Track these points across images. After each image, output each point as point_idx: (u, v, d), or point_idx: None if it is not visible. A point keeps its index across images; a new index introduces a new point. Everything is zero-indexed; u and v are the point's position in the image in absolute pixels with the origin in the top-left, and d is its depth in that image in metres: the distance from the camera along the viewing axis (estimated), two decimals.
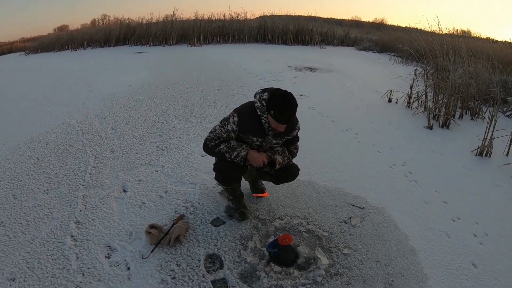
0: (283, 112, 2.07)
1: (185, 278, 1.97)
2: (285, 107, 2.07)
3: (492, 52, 8.03)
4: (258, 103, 2.16)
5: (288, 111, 2.08)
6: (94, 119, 4.44)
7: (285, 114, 2.07)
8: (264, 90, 2.18)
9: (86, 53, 11.35)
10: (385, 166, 3.54)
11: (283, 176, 2.45)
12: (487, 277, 2.22)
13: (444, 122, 5.01)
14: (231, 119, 2.24)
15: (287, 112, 2.07)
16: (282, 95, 2.09)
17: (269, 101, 2.10)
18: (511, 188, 3.50)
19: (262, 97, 2.14)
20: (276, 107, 2.07)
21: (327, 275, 2.05)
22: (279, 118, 2.08)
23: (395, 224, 2.60)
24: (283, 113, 2.07)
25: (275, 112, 2.07)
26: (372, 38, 15.61)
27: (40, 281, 1.96)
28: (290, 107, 2.08)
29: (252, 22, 14.31)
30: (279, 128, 2.14)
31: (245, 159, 2.25)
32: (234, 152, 2.23)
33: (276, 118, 2.09)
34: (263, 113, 2.16)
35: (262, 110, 2.15)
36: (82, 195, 2.78)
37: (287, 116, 2.08)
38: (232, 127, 2.23)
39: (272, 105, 2.09)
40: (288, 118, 2.10)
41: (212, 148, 2.28)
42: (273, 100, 2.09)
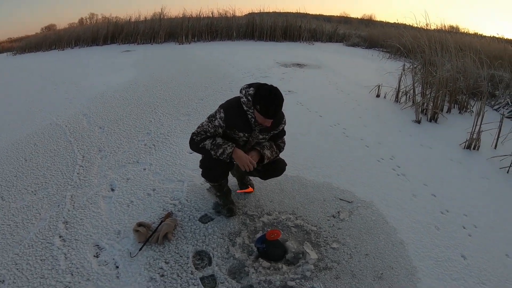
0: (269, 106, 2.06)
1: (173, 276, 1.97)
2: (271, 102, 2.07)
3: (480, 47, 8.15)
4: (244, 98, 2.16)
5: (274, 106, 2.07)
6: (82, 119, 4.41)
7: (271, 108, 2.07)
8: (250, 85, 2.18)
9: (73, 53, 11.22)
10: (373, 160, 3.57)
11: (270, 171, 2.46)
12: (476, 268, 2.25)
13: (432, 116, 5.06)
14: (217, 115, 2.23)
15: (273, 106, 2.07)
16: (268, 90, 2.09)
17: (255, 96, 2.10)
18: (500, 180, 3.55)
19: (248, 92, 2.14)
20: (262, 102, 2.07)
21: (316, 269, 2.06)
22: (265, 113, 2.08)
23: (383, 218, 2.62)
24: (269, 107, 2.06)
25: (261, 106, 2.07)
26: (360, 34, 15.73)
27: (29, 282, 1.95)
28: (276, 101, 2.08)
29: (240, 19, 14.29)
30: (265, 123, 2.14)
31: (231, 157, 2.23)
32: (220, 149, 2.21)
33: (262, 113, 2.08)
34: (249, 108, 2.16)
35: (248, 105, 2.15)
36: (70, 195, 2.76)
37: (273, 110, 2.08)
38: (219, 123, 2.22)
39: (258, 100, 2.09)
40: (275, 113, 2.09)
41: (197, 143, 2.27)
42: (259, 94, 2.09)
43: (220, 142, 2.24)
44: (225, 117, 2.22)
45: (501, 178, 3.60)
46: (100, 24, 13.43)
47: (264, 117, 2.10)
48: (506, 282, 2.17)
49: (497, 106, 6.07)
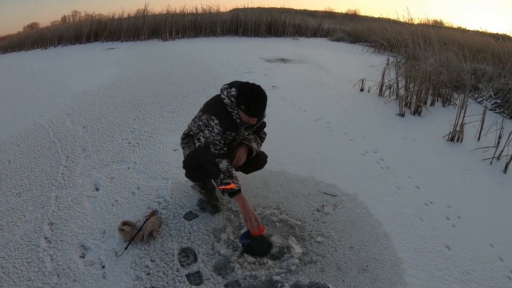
0: (254, 106, 2.07)
1: (159, 274, 1.98)
2: (254, 101, 2.07)
3: (463, 41, 8.31)
4: (227, 100, 2.16)
5: (258, 105, 2.09)
6: (65, 118, 4.36)
7: (256, 107, 2.08)
8: (231, 85, 2.18)
9: (56, 51, 11.04)
10: (357, 154, 3.61)
11: (253, 165, 2.51)
12: (461, 258, 2.30)
13: (415, 109, 5.14)
14: (212, 123, 2.18)
15: (257, 105, 2.08)
16: (251, 89, 2.09)
17: (238, 97, 2.11)
18: (483, 171, 3.64)
19: (230, 93, 2.14)
20: (246, 102, 2.07)
21: (301, 263, 2.09)
22: (250, 112, 2.09)
23: (368, 210, 2.67)
24: (253, 107, 2.07)
25: (245, 107, 2.08)
26: (345, 29, 15.84)
27: (16, 285, 1.94)
28: (259, 99, 2.09)
29: (224, 15, 14.22)
30: (250, 121, 2.14)
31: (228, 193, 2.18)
32: (227, 180, 2.13)
33: (247, 113, 2.09)
34: (234, 110, 2.17)
35: (232, 106, 2.16)
36: (55, 195, 2.74)
37: (258, 109, 2.09)
38: (219, 130, 2.19)
39: (241, 100, 2.09)
40: (259, 111, 2.11)
41: (215, 156, 2.18)
42: (242, 94, 2.09)
43: (234, 174, 2.18)
44: (220, 123, 2.19)
45: (484, 169, 3.69)
46: (83, 22, 13.25)
47: (249, 116, 2.10)
48: (490, 272, 2.22)
49: (481, 99, 6.20)
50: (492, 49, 8.26)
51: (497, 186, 3.39)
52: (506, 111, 5.58)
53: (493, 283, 2.13)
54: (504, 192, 3.29)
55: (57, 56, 9.81)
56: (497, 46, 8.58)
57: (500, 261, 2.33)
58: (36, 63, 8.94)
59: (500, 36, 11.79)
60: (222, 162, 2.15)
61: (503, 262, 2.33)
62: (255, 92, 2.08)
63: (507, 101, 5.73)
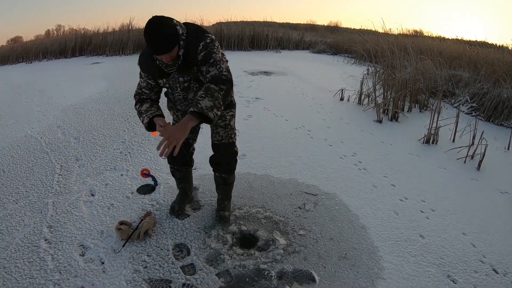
0: (148, 41, 1.81)
1: (156, 266, 2.15)
2: (148, 36, 1.79)
3: (441, 49, 8.75)
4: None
5: (150, 40, 1.80)
6: (56, 130, 4.49)
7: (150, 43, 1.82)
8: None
9: (42, 65, 11.07)
10: (336, 157, 3.86)
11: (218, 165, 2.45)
12: (434, 246, 2.52)
13: (393, 116, 5.43)
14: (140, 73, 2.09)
15: (150, 41, 1.80)
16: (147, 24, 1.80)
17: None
18: (457, 169, 3.90)
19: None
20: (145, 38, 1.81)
21: (285, 253, 2.29)
22: (150, 48, 1.86)
23: (346, 207, 2.89)
24: (148, 43, 1.83)
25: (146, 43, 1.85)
26: (326, 41, 16.33)
27: (18, 283, 2.04)
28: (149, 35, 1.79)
29: (208, 29, 14.42)
30: (161, 58, 1.89)
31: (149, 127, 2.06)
32: (140, 117, 2.08)
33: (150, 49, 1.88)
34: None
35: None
36: (52, 201, 2.87)
37: (152, 45, 1.81)
38: (141, 74, 2.09)
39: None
40: (155, 47, 1.82)
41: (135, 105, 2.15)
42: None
43: (143, 109, 2.08)
44: (142, 70, 2.07)
45: (458, 167, 3.96)
46: (68, 36, 13.28)
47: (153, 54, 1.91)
48: (463, 256, 2.44)
49: (457, 103, 6.56)
50: (468, 56, 8.72)
51: (470, 182, 3.65)
52: (482, 114, 5.95)
53: (466, 266, 2.35)
54: (477, 187, 3.56)
55: (42, 70, 9.85)
56: (472, 53, 9.03)
57: (473, 247, 2.56)
58: (22, 76, 8.98)
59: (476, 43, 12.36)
60: (136, 107, 2.12)
61: (475, 248, 2.55)
62: (147, 27, 1.79)
63: (483, 104, 6.10)
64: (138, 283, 2.02)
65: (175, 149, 1.75)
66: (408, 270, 2.25)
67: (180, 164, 2.52)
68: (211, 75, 1.88)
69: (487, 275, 2.30)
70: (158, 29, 1.77)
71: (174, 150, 1.75)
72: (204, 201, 2.84)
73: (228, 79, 1.90)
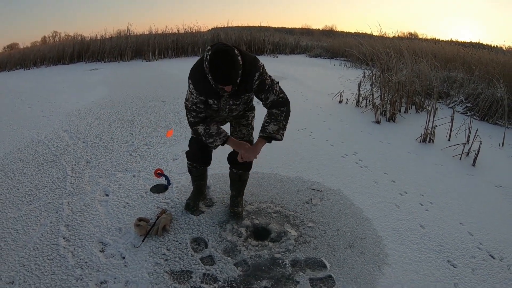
0: (216, 74, 1.92)
1: (176, 259, 2.26)
2: (216, 69, 1.91)
3: (436, 51, 8.93)
4: (205, 63, 1.99)
5: (220, 73, 1.91)
6: (63, 134, 4.58)
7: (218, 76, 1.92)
8: (211, 47, 1.99)
9: (40, 72, 11.13)
10: (338, 156, 4.02)
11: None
12: (434, 234, 2.69)
13: (390, 117, 5.59)
14: (191, 87, 2.15)
15: (219, 73, 1.91)
16: (213, 55, 1.90)
17: (208, 62, 1.95)
18: (453, 166, 4.07)
19: (207, 57, 1.97)
20: (210, 69, 1.93)
21: (297, 243, 2.44)
22: (215, 81, 1.97)
23: (350, 201, 3.05)
24: (215, 75, 1.92)
25: (211, 74, 1.95)
26: (322, 45, 16.51)
27: (40, 280, 2.10)
28: (221, 68, 1.90)
29: (205, 35, 14.61)
30: (224, 88, 2.01)
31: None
32: (210, 139, 2.24)
33: (214, 81, 1.98)
34: (208, 74, 2.00)
35: (207, 71, 2.00)
36: (67, 201, 2.96)
37: (220, 78, 1.92)
38: (197, 95, 2.15)
39: (207, 67, 1.95)
40: (224, 79, 1.93)
41: (191, 123, 2.28)
42: (208, 60, 1.94)
43: (213, 132, 2.22)
44: (194, 88, 2.12)
45: (454, 164, 4.14)
46: (66, 43, 13.35)
47: (216, 83, 2.00)
48: (461, 243, 2.61)
49: (452, 104, 6.75)
50: (462, 57, 8.92)
51: (466, 177, 3.82)
52: (476, 113, 6.14)
53: (464, 252, 2.52)
54: (472, 181, 3.73)
55: (42, 77, 9.93)
56: (466, 54, 9.25)
57: (470, 236, 2.73)
58: (22, 83, 9.04)
59: (470, 44, 12.63)
60: (199, 127, 2.22)
61: (472, 236, 2.72)
62: (216, 60, 1.89)
63: (477, 104, 6.29)
64: (160, 275, 2.14)
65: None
66: (411, 257, 2.41)
67: (201, 162, 2.63)
68: (271, 101, 2.19)
69: (484, 260, 2.47)
70: (230, 64, 1.89)
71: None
72: (216, 198, 2.97)
73: (285, 99, 2.22)
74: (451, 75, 7.68)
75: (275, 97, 2.19)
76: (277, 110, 2.20)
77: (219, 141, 2.25)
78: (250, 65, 2.08)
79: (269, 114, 2.21)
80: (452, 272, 2.31)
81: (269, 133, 2.17)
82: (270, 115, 2.21)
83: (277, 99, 2.20)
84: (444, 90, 7.28)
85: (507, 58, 7.58)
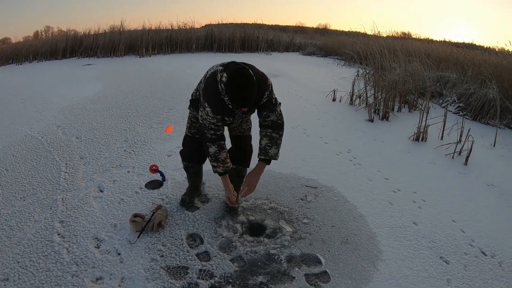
0: (237, 98, 2.01)
1: (172, 255, 2.26)
2: (237, 94, 1.99)
3: (429, 50, 8.99)
4: (220, 85, 2.08)
5: (239, 98, 2.00)
6: (57, 130, 4.55)
7: (239, 100, 2.01)
8: (226, 68, 2.09)
9: (33, 67, 10.99)
10: (332, 154, 4.05)
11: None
12: (427, 231, 2.73)
13: (383, 115, 5.64)
14: (206, 108, 2.19)
15: (240, 98, 2.00)
16: (235, 81, 1.98)
17: (225, 85, 2.02)
18: (445, 164, 4.12)
19: (222, 78, 2.05)
20: (229, 95, 2.02)
21: (292, 239, 2.46)
22: (235, 105, 2.06)
23: (344, 198, 3.08)
24: (237, 100, 2.01)
25: (229, 98, 2.04)
26: (316, 43, 16.55)
27: (35, 277, 2.08)
28: (240, 94, 1.99)
29: (199, 31, 14.58)
30: (241, 109, 2.12)
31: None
32: (214, 163, 2.35)
33: (233, 104, 2.08)
34: (225, 96, 2.09)
35: (223, 93, 2.08)
36: (61, 197, 2.95)
37: (242, 101, 2.01)
38: (213, 116, 2.20)
39: (226, 91, 2.02)
40: (244, 102, 2.02)
41: (209, 140, 2.30)
42: (227, 84, 2.00)
43: (221, 158, 2.33)
44: (212, 110, 2.18)
45: (446, 162, 4.19)
46: (59, 37, 13.19)
47: (235, 107, 2.09)
48: (454, 240, 2.66)
49: (445, 103, 6.81)
50: (455, 57, 9.00)
51: (458, 176, 3.88)
52: (469, 113, 6.21)
53: (456, 248, 2.57)
54: (464, 180, 3.78)
55: (34, 72, 9.82)
56: (459, 54, 9.33)
57: (462, 233, 2.78)
58: (14, 78, 8.93)
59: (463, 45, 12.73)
60: (212, 147, 2.29)
61: (464, 233, 2.77)
62: (236, 85, 1.98)
63: (470, 104, 6.36)
64: (156, 271, 2.14)
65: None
66: (404, 253, 2.45)
67: (197, 162, 2.68)
68: (270, 120, 2.35)
69: (476, 256, 2.51)
70: (249, 89, 1.99)
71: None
72: (211, 194, 2.98)
73: (283, 122, 2.42)
74: (444, 75, 7.75)
75: (275, 118, 2.36)
76: (277, 134, 2.39)
77: (221, 168, 2.36)
78: (261, 84, 2.18)
79: (270, 138, 2.38)
80: (445, 268, 2.35)
81: (271, 156, 2.39)
82: (270, 139, 2.38)
83: (277, 121, 2.37)
84: (437, 89, 7.34)
85: (500, 59, 7.66)
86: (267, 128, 2.38)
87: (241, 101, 2.01)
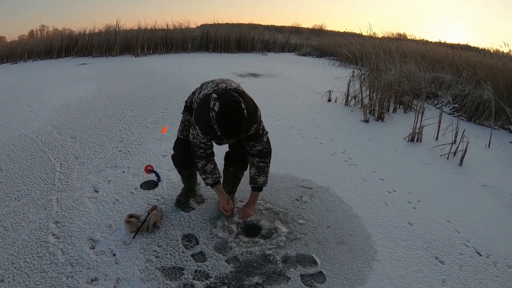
0: (224, 131, 2.05)
1: (167, 256, 2.26)
2: (226, 126, 2.03)
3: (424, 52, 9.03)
4: (212, 113, 2.10)
5: (228, 131, 2.04)
6: (51, 130, 4.53)
7: (226, 132, 2.05)
8: (220, 97, 2.08)
9: (28, 66, 10.92)
10: (328, 154, 4.06)
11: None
12: (422, 232, 2.74)
13: (379, 116, 5.65)
14: (197, 130, 2.25)
15: (226, 131, 2.04)
16: (225, 114, 2.02)
17: (215, 115, 2.05)
18: (440, 165, 4.14)
19: (214, 107, 2.07)
20: (218, 126, 2.05)
21: (287, 240, 2.46)
22: (223, 136, 2.09)
23: (339, 198, 3.09)
24: (224, 132, 2.05)
25: (218, 128, 2.06)
26: (311, 43, 16.58)
27: (29, 278, 2.07)
28: (229, 130, 2.04)
29: (194, 31, 14.57)
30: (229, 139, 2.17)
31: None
32: (203, 175, 2.41)
33: (221, 135, 2.10)
34: (214, 124, 2.10)
35: (213, 121, 2.10)
36: (56, 198, 2.93)
37: (228, 134, 2.06)
38: (203, 137, 2.27)
39: (216, 120, 2.05)
40: (231, 136, 2.08)
41: (197, 157, 2.37)
42: (218, 114, 2.03)
43: (208, 170, 2.39)
44: (202, 132, 2.24)
45: (441, 163, 4.20)
46: (54, 37, 13.12)
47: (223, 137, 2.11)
48: (449, 241, 2.67)
49: (440, 104, 6.84)
50: (451, 59, 9.02)
51: (453, 176, 3.89)
52: (464, 114, 6.24)
53: (452, 249, 2.58)
54: (459, 180, 3.80)
55: (29, 71, 9.76)
56: (455, 56, 9.35)
57: (457, 233, 2.79)
58: (9, 77, 8.87)
59: (458, 46, 12.79)
60: (200, 163, 2.36)
61: (459, 234, 2.79)
62: (226, 120, 2.02)
63: (464, 105, 6.39)
64: (152, 272, 2.13)
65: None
66: (399, 253, 2.46)
67: (190, 167, 2.66)
68: (257, 150, 2.38)
69: (471, 256, 2.53)
70: (239, 124, 2.04)
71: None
72: (207, 195, 2.98)
73: (269, 150, 2.46)
74: (439, 76, 7.79)
75: (261, 147, 2.39)
76: (263, 163, 2.45)
77: (210, 180, 2.42)
78: (250, 118, 2.21)
79: (257, 168, 2.46)
80: (440, 268, 2.36)
81: (260, 185, 2.50)
82: (258, 168, 2.46)
83: (263, 150, 2.41)
84: (432, 90, 7.38)
85: (495, 61, 7.69)
86: (254, 157, 2.44)
87: (228, 136, 2.07)
